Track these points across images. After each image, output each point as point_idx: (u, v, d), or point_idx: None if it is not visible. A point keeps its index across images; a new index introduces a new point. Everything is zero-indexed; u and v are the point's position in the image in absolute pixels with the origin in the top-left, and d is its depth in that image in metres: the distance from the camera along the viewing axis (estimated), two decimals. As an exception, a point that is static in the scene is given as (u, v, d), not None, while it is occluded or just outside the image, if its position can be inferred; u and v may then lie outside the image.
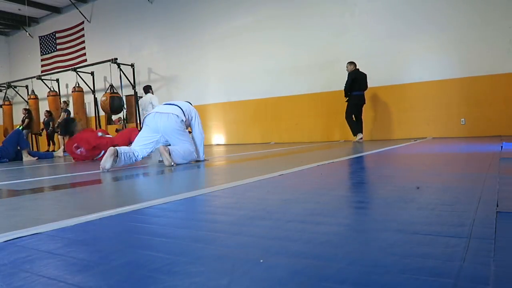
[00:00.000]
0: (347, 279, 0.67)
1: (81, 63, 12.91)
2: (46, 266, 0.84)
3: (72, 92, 12.07)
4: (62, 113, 11.05)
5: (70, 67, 12.20)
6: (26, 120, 12.32)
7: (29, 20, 14.09)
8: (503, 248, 0.80)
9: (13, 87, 14.06)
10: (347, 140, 8.22)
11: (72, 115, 11.71)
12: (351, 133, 8.05)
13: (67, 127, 9.85)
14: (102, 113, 11.82)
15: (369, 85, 8.10)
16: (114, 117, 11.96)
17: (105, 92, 11.16)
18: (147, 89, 8.94)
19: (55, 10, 13.75)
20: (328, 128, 8.58)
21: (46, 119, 11.83)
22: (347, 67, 7.35)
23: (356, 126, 7.20)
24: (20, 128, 12.31)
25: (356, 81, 7.12)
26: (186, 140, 3.80)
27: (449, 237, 0.90)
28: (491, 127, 6.89)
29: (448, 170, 2.39)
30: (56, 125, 11.15)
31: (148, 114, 3.85)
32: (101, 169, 3.32)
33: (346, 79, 7.22)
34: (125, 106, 11.24)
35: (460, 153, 3.62)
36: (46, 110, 11.97)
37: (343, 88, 7.25)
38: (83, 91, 12.07)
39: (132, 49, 11.83)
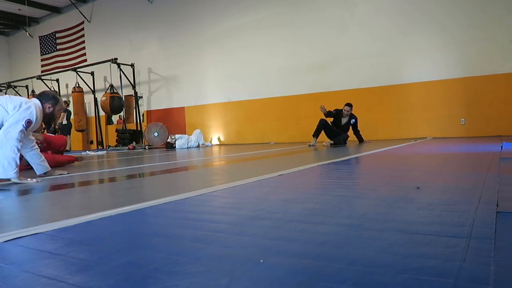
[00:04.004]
0: (347, 279, 0.67)
1: (81, 63, 12.91)
2: (46, 266, 0.84)
3: (72, 92, 12.08)
4: (62, 113, 11.04)
5: (70, 67, 12.20)
6: None
7: (29, 20, 14.10)
8: (503, 248, 0.80)
9: (13, 87, 14.06)
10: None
11: (72, 115, 11.70)
12: (351, 133, 8.08)
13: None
14: (102, 113, 11.82)
15: (369, 85, 8.13)
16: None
17: (105, 92, 11.17)
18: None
19: (55, 10, 13.76)
20: (328, 128, 8.59)
21: None
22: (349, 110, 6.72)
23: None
24: None
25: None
26: None
27: (449, 237, 0.90)
28: (491, 127, 6.90)
29: (448, 170, 2.39)
30: (57, 126, 11.15)
31: None
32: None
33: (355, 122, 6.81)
34: (124, 106, 11.24)
35: (460, 153, 3.62)
36: None
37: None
38: (83, 91, 12.08)
39: (132, 49, 11.84)
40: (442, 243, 0.86)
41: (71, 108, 11.81)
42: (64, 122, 10.88)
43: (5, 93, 14.18)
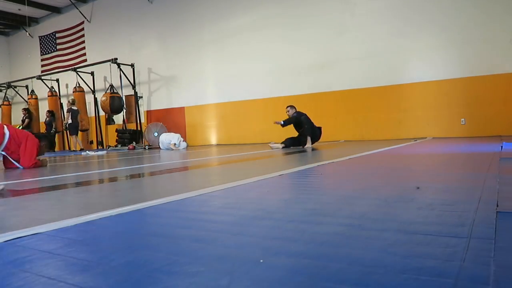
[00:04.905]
0: (347, 279, 0.67)
1: (81, 63, 12.92)
2: (46, 266, 0.84)
3: (73, 92, 12.09)
4: (67, 113, 11.04)
5: (70, 67, 12.20)
6: (26, 120, 12.32)
7: (29, 20, 14.10)
8: (503, 248, 0.80)
9: (13, 87, 14.06)
10: (347, 140, 8.23)
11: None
12: (351, 133, 8.08)
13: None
14: (102, 113, 11.83)
15: (369, 85, 8.13)
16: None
17: (105, 92, 11.17)
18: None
19: (55, 10, 13.76)
20: (328, 128, 8.58)
21: (47, 119, 11.81)
22: (289, 110, 6.63)
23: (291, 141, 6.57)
24: (20, 128, 12.31)
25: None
26: None
27: (449, 237, 0.90)
28: (491, 127, 6.90)
29: (448, 170, 2.39)
30: (64, 126, 11.23)
31: None
32: None
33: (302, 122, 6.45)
34: (125, 106, 11.24)
35: (460, 153, 3.62)
36: (48, 110, 11.94)
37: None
38: (83, 91, 12.08)
39: (132, 49, 11.84)
40: (442, 243, 0.86)
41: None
42: (70, 121, 10.88)
43: (5, 93, 14.21)
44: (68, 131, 11.09)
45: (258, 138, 9.64)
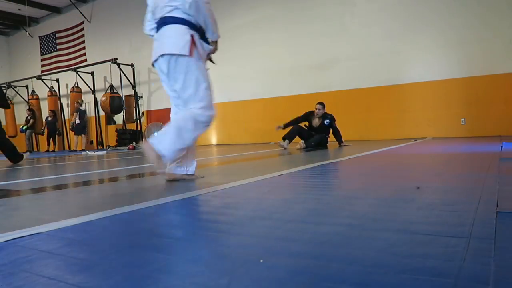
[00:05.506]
0: (347, 279, 0.67)
1: (81, 63, 12.91)
2: (46, 266, 0.84)
3: (71, 92, 12.10)
4: (75, 113, 11.07)
5: (70, 67, 12.20)
6: (31, 121, 12.36)
7: (29, 20, 14.09)
8: (503, 248, 0.80)
9: (13, 87, 14.05)
10: (347, 140, 8.22)
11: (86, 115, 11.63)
12: (351, 133, 8.07)
13: None
14: (102, 113, 11.82)
15: (369, 85, 8.13)
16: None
17: (105, 92, 11.17)
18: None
19: (55, 10, 13.76)
20: (328, 128, 8.59)
21: (50, 119, 11.86)
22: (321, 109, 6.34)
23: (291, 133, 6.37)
24: (24, 128, 12.34)
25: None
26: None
27: (449, 237, 0.90)
28: (491, 127, 6.90)
29: (448, 170, 2.39)
30: (70, 126, 11.28)
31: None
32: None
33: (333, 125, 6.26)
34: (124, 106, 11.24)
35: (460, 153, 3.62)
36: (51, 110, 12.02)
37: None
38: (81, 92, 12.09)
39: (132, 49, 11.83)
40: (442, 243, 0.86)
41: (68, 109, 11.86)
42: (77, 121, 10.88)
43: (5, 93, 14.17)
44: (73, 131, 11.18)
45: (258, 138, 9.64)
